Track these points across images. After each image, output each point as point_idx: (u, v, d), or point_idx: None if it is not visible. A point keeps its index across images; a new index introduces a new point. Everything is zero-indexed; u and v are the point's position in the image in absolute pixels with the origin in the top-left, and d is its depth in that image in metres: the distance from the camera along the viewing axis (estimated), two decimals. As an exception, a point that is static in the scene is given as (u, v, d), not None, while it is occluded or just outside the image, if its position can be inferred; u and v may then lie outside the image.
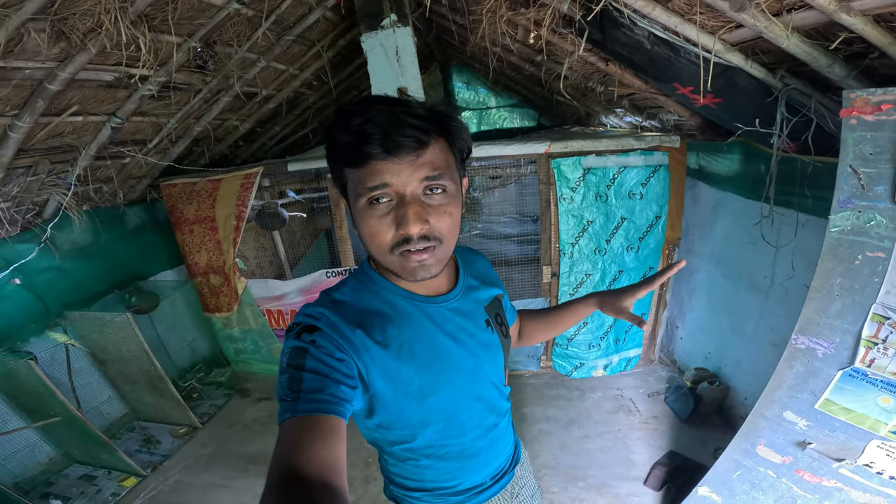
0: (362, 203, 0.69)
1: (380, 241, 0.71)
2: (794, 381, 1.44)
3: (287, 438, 0.58)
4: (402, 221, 0.68)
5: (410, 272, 0.72)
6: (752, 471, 1.45)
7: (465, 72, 5.22)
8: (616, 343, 3.08)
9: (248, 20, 2.35)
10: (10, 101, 1.89)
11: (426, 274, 0.73)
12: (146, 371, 2.78)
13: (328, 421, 0.60)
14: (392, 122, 0.65)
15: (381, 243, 0.71)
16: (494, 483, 0.99)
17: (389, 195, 0.68)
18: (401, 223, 0.68)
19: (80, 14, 1.69)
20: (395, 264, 0.73)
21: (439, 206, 0.71)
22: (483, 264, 1.01)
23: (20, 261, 2.49)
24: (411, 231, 0.68)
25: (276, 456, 0.56)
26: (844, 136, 1.36)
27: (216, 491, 2.48)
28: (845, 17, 1.26)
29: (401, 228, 0.68)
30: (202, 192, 3.05)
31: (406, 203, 0.68)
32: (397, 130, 0.65)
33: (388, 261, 0.73)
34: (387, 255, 0.72)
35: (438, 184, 0.70)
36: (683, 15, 1.63)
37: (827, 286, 1.40)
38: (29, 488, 2.48)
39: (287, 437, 0.58)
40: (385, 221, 0.69)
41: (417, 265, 0.72)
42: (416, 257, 0.71)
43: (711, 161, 2.66)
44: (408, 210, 0.68)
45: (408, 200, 0.68)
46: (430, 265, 0.72)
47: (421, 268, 0.72)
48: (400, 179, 0.67)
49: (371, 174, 0.67)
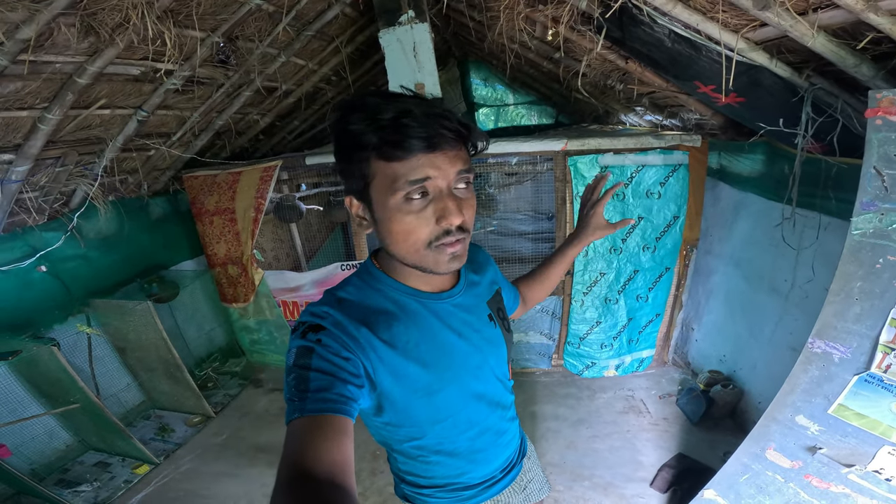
0: (397, 199, 0.68)
1: (416, 237, 0.70)
2: (808, 385, 1.42)
3: (295, 438, 0.58)
4: (446, 213, 0.68)
5: (443, 264, 0.73)
6: (760, 475, 1.43)
7: (482, 68, 5.20)
8: (629, 343, 3.06)
9: (269, 16, 2.38)
10: (41, 93, 1.96)
11: (458, 265, 0.74)
12: (164, 359, 2.85)
13: (336, 420, 0.61)
14: (432, 114, 0.65)
15: (418, 240, 0.70)
16: (504, 476, 1.00)
17: (426, 189, 0.68)
18: (444, 215, 0.68)
19: (109, 9, 1.73)
20: (429, 259, 0.72)
21: (467, 199, 0.72)
22: (483, 257, 1.01)
23: (47, 248, 2.57)
24: (454, 222, 0.69)
25: (285, 456, 0.56)
26: (869, 136, 1.32)
27: (226, 479, 2.54)
28: (873, 16, 1.22)
29: (444, 221, 0.68)
30: (223, 185, 3.11)
31: (445, 196, 0.69)
32: (440, 124, 0.65)
33: (421, 256, 0.72)
34: (421, 251, 0.72)
35: (468, 177, 0.71)
36: (705, 13, 1.60)
37: (846, 290, 1.37)
38: (44, 475, 2.53)
39: (295, 437, 0.59)
40: (423, 216, 0.69)
41: (451, 256, 0.72)
42: (451, 249, 0.71)
43: (733, 161, 2.61)
44: (448, 202, 0.68)
45: (446, 193, 0.69)
46: (461, 255, 0.73)
47: (454, 258, 0.73)
48: (441, 173, 0.67)
49: (413, 168, 0.66)
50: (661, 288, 2.93)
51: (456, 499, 0.95)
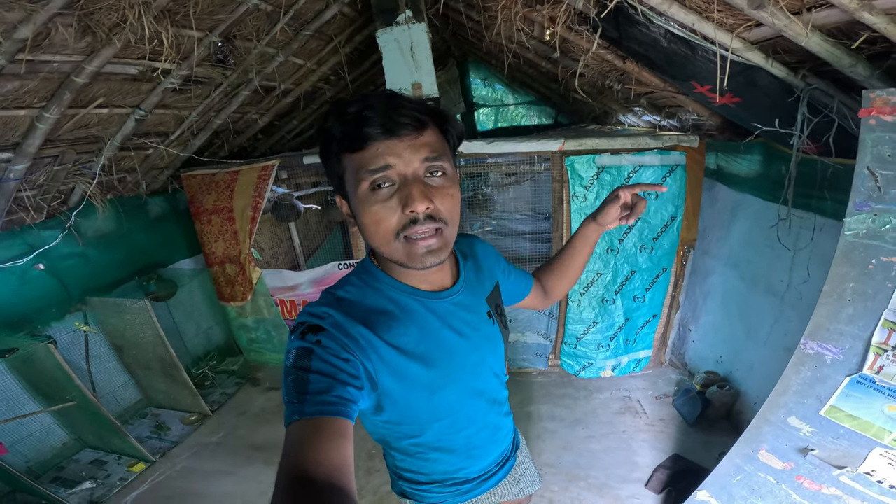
0: (363, 189, 0.68)
1: (385, 227, 0.69)
2: (800, 386, 1.41)
3: (295, 442, 0.58)
4: (409, 200, 0.67)
5: (419, 259, 0.71)
6: (752, 476, 1.43)
7: (482, 68, 5.20)
8: (626, 344, 3.06)
9: (267, 15, 2.39)
10: (39, 93, 1.96)
11: (435, 259, 0.72)
12: (161, 358, 2.86)
13: (335, 423, 0.60)
14: (390, 105, 0.67)
15: (386, 229, 0.70)
16: (500, 469, 1.02)
17: (392, 178, 0.68)
18: (407, 202, 0.67)
19: (106, 9, 1.74)
20: (401, 252, 0.71)
21: (441, 188, 0.71)
22: (482, 251, 1.00)
23: (44, 246, 2.57)
24: (418, 208, 0.67)
25: (285, 459, 0.56)
26: (863, 136, 1.32)
27: (222, 478, 2.54)
28: (867, 15, 1.22)
29: (407, 207, 0.67)
30: (221, 184, 3.12)
31: (410, 183, 0.68)
32: (396, 111, 0.66)
33: (393, 249, 0.71)
34: (392, 242, 0.71)
35: (438, 165, 0.70)
36: (701, 13, 1.60)
37: (839, 291, 1.37)
38: (40, 472, 2.53)
39: (295, 440, 0.58)
40: (389, 205, 0.68)
41: (425, 251, 0.71)
42: (423, 243, 0.70)
43: (730, 161, 2.60)
44: (412, 188, 0.67)
45: (411, 180, 0.68)
46: (437, 249, 0.71)
47: (429, 253, 0.71)
48: (402, 160, 0.67)
49: (373, 157, 0.67)
50: (657, 289, 2.92)
51: (454, 493, 0.96)
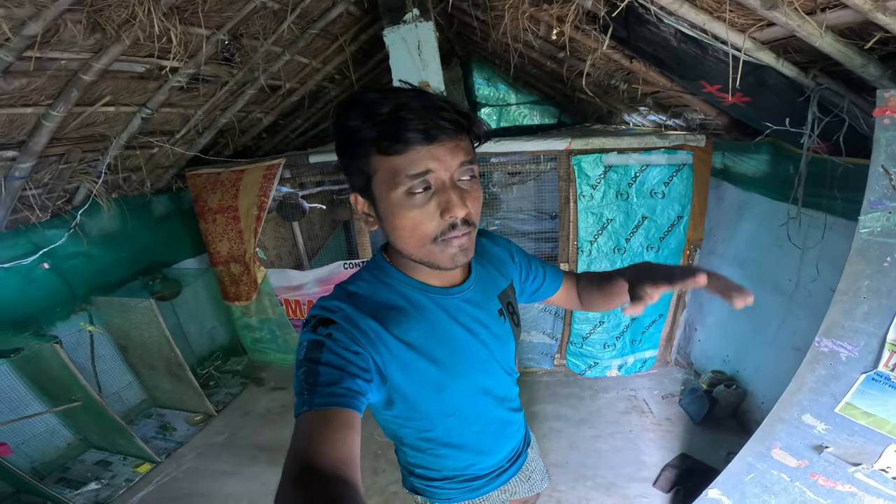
0: (399, 194, 0.67)
1: (422, 232, 0.69)
2: (815, 384, 1.42)
3: (303, 432, 0.59)
4: (450, 206, 0.67)
5: (450, 259, 0.71)
6: (765, 474, 1.43)
7: (485, 68, 5.20)
8: (632, 343, 3.06)
9: (274, 13, 2.38)
10: (46, 90, 1.96)
11: (465, 259, 0.73)
12: (166, 357, 2.85)
13: (343, 414, 0.61)
14: (429, 106, 0.64)
15: (424, 234, 0.69)
16: (511, 465, 1.02)
17: (429, 182, 0.67)
18: (448, 208, 0.67)
19: (115, 6, 1.73)
20: (435, 253, 0.71)
21: (471, 191, 0.71)
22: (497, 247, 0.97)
23: (49, 246, 2.56)
24: (459, 214, 0.67)
25: (292, 449, 0.57)
26: (877, 135, 1.32)
27: (227, 478, 2.53)
28: (881, 16, 1.22)
29: (447, 213, 0.67)
30: (226, 183, 3.11)
31: (448, 188, 0.67)
32: (438, 115, 0.64)
33: (428, 251, 0.71)
34: (427, 245, 0.70)
35: (471, 168, 0.70)
36: (712, 12, 1.60)
37: (854, 288, 1.37)
38: (45, 473, 2.52)
39: (303, 431, 0.59)
40: (428, 210, 0.68)
41: (457, 250, 0.71)
42: (457, 242, 0.70)
43: (738, 161, 2.60)
44: (452, 194, 0.67)
45: (448, 185, 0.68)
46: (468, 249, 0.72)
47: (461, 252, 0.71)
48: (442, 165, 0.66)
49: (412, 161, 0.65)
50: (664, 288, 2.92)
51: (465, 489, 0.96)
